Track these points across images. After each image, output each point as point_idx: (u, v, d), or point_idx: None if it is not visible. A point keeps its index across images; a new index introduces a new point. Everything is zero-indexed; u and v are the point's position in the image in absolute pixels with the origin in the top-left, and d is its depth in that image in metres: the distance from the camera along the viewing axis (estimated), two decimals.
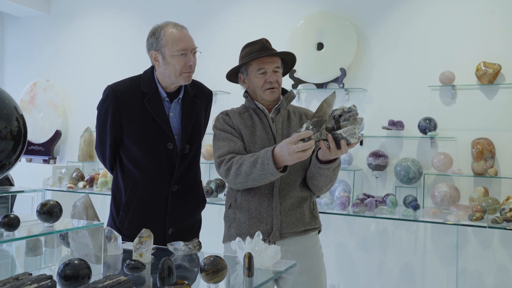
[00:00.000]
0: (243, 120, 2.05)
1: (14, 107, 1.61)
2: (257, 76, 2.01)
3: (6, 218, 1.29)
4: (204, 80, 2.40)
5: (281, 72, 2.08)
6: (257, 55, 1.99)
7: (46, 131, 4.93)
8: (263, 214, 1.97)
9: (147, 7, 4.62)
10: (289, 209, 1.98)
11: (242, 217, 2.00)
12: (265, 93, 2.01)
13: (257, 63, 2.01)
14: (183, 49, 1.99)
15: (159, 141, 2.04)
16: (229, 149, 1.97)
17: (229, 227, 2.05)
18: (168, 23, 2.03)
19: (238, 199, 2.02)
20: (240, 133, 2.02)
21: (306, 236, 2.02)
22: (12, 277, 1.17)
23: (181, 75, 2.01)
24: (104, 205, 4.49)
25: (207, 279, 1.30)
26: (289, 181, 1.99)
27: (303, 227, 2.00)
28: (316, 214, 2.09)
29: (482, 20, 3.40)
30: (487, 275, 3.29)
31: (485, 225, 2.85)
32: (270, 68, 2.00)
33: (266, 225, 1.96)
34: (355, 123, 1.75)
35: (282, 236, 1.97)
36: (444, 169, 3.32)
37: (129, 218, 2.06)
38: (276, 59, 2.04)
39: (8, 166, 1.59)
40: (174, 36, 1.99)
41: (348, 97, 3.78)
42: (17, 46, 5.36)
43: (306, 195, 2.04)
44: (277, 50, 2.06)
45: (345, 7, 3.83)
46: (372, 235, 3.68)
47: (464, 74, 3.41)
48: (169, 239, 2.04)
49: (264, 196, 1.97)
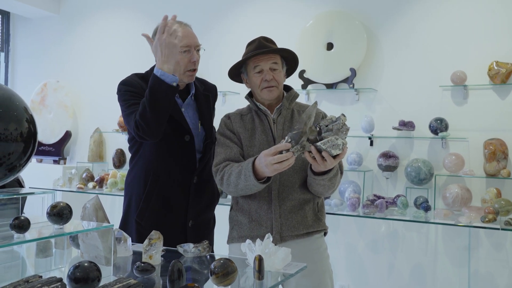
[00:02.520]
0: (244, 123, 2.03)
1: (25, 109, 1.61)
2: (254, 75, 1.98)
3: (17, 220, 1.29)
4: (212, 80, 2.40)
5: (281, 70, 2.01)
6: (251, 54, 1.96)
7: (56, 132, 4.96)
8: (263, 217, 1.95)
9: (156, 7, 4.63)
10: (290, 211, 1.95)
11: (243, 219, 1.99)
12: (263, 92, 1.98)
13: (253, 61, 1.97)
14: (186, 45, 2.01)
15: (176, 134, 2.05)
16: (225, 157, 1.96)
17: (232, 229, 2.06)
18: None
19: (239, 201, 2.02)
20: (239, 137, 2.01)
21: (309, 238, 1.98)
22: (22, 280, 1.17)
23: (185, 73, 2.04)
24: (114, 206, 4.51)
25: (217, 282, 1.29)
26: (288, 183, 1.96)
27: (305, 229, 1.96)
28: (321, 216, 2.04)
29: (494, 19, 3.36)
30: (500, 277, 3.24)
31: (498, 227, 2.81)
32: (266, 66, 1.95)
33: (266, 228, 1.94)
34: (338, 133, 1.69)
35: (283, 239, 1.93)
36: (456, 170, 3.28)
37: (150, 209, 2.05)
38: (272, 56, 1.97)
39: (18, 167, 1.59)
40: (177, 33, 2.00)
41: (358, 97, 3.76)
42: (28, 47, 5.40)
43: (309, 197, 1.99)
44: (277, 47, 2.01)
45: (355, 7, 3.80)
46: (382, 237, 3.65)
47: (476, 74, 3.37)
48: (189, 231, 2.06)
49: (264, 199, 1.95)
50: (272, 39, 2.05)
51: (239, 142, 2.00)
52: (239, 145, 2.00)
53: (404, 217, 3.13)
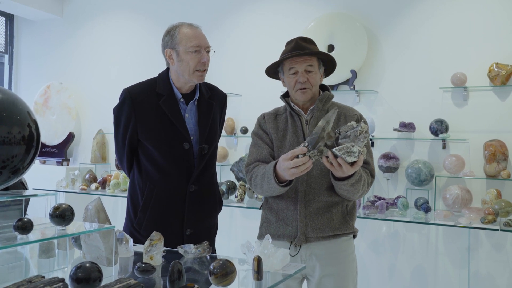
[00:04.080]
0: (277, 123, 2.05)
1: (28, 113, 1.64)
2: (289, 76, 2.00)
3: (20, 222, 1.32)
4: (215, 81, 2.42)
5: (317, 72, 2.00)
6: (287, 56, 1.97)
7: (60, 133, 4.99)
8: (289, 217, 1.98)
9: (159, 10, 4.66)
10: (316, 213, 1.95)
11: (272, 218, 2.03)
12: (297, 93, 1.99)
13: (289, 62, 1.98)
14: (196, 45, 2.03)
15: (175, 141, 2.06)
16: (256, 157, 2.01)
17: (261, 226, 2.10)
18: (183, 23, 2.08)
19: (269, 200, 2.06)
20: (271, 137, 2.03)
21: (335, 240, 1.98)
22: (25, 280, 1.19)
23: (194, 73, 2.04)
24: (117, 207, 4.54)
25: (216, 282, 1.31)
26: (315, 185, 1.96)
27: (330, 232, 1.96)
28: (349, 218, 2.02)
29: (494, 21, 3.37)
30: (500, 278, 3.25)
31: (497, 228, 2.82)
32: (301, 67, 1.96)
33: (292, 228, 1.97)
34: (355, 140, 1.68)
35: (308, 240, 1.95)
36: (456, 171, 3.30)
37: (147, 218, 2.07)
38: (308, 58, 1.96)
39: (22, 170, 1.62)
40: (188, 33, 2.03)
41: (359, 99, 3.77)
42: (31, 49, 5.44)
43: (337, 200, 1.98)
44: (315, 49, 2.00)
45: (356, 9, 3.82)
46: (383, 238, 3.66)
47: (476, 76, 3.39)
48: (186, 240, 2.05)
49: (290, 200, 1.98)
50: (311, 39, 2.03)
51: (270, 143, 2.03)
52: (271, 146, 2.02)
53: (405, 218, 3.15)
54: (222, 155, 4.07)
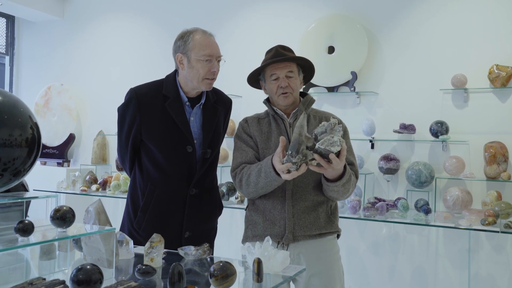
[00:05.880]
0: (260, 127, 2.10)
1: (29, 116, 1.64)
2: (271, 82, 2.07)
3: (21, 224, 1.32)
4: (215, 82, 2.42)
5: (297, 78, 2.08)
6: (267, 62, 2.04)
7: (60, 135, 5.00)
8: (276, 216, 2.01)
9: (159, 11, 4.66)
10: (303, 212, 2.00)
11: (258, 219, 2.06)
12: (279, 98, 2.06)
13: (270, 69, 2.06)
14: (209, 55, 2.03)
15: (178, 143, 2.06)
16: (241, 160, 2.05)
17: (247, 228, 2.12)
18: (197, 29, 2.08)
19: (255, 201, 2.08)
20: (255, 140, 2.08)
21: (321, 239, 2.04)
22: (26, 282, 1.20)
23: (203, 80, 2.05)
24: (117, 208, 4.55)
25: (216, 284, 1.32)
26: (302, 184, 2.01)
27: (317, 230, 2.01)
28: (333, 218, 2.09)
29: (495, 23, 3.38)
30: (500, 280, 3.26)
31: (498, 229, 2.82)
32: (282, 73, 2.04)
33: (279, 228, 2.00)
34: (332, 132, 1.74)
35: (296, 239, 1.99)
36: (456, 173, 3.30)
37: (147, 219, 2.08)
38: (288, 64, 2.05)
39: (23, 172, 1.62)
40: (201, 41, 2.03)
41: (359, 100, 3.78)
42: (32, 51, 5.45)
43: (322, 199, 2.04)
44: (293, 55, 2.08)
45: (357, 11, 3.82)
46: (383, 239, 3.66)
47: (477, 77, 3.39)
48: (185, 242, 2.05)
49: (278, 199, 2.01)
50: (289, 47, 2.11)
51: (255, 146, 2.08)
52: (255, 148, 2.07)
53: (405, 220, 3.15)
54: (222, 157, 4.07)
